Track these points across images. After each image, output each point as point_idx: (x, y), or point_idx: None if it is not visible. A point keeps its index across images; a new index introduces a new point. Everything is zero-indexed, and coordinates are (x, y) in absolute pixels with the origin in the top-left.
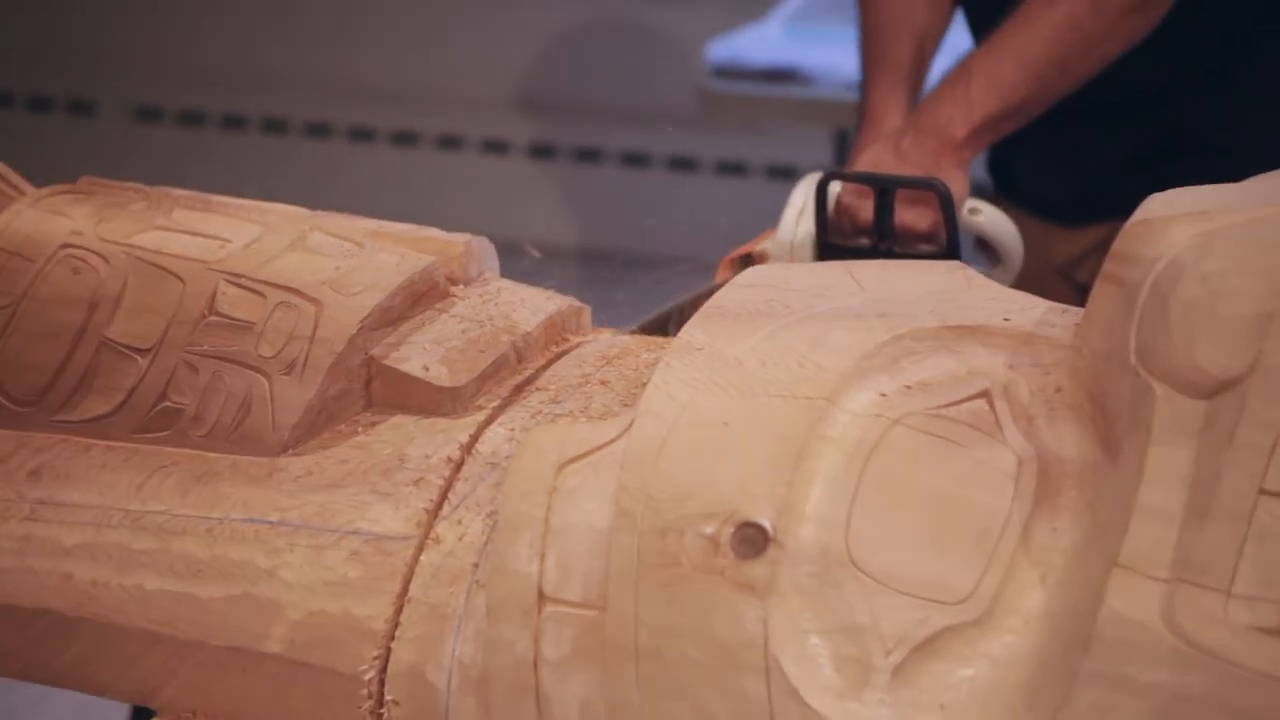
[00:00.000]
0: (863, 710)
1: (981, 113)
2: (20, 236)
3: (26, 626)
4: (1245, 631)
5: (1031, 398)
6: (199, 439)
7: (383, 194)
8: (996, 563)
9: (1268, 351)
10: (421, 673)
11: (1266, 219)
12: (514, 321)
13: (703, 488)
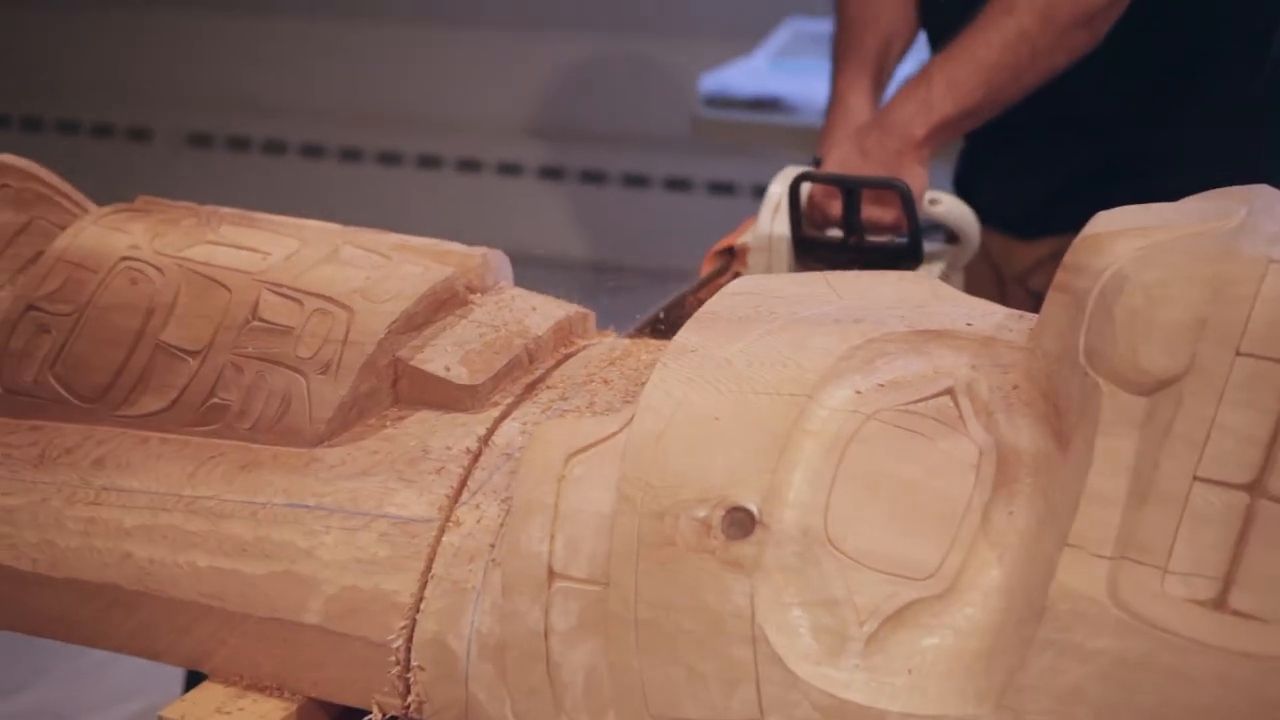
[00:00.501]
0: (839, 675)
1: (940, 114)
2: (84, 250)
3: (92, 599)
4: (1180, 603)
5: (991, 394)
6: (244, 432)
7: (408, 212)
8: (959, 543)
9: (1202, 353)
10: (444, 641)
11: (1201, 235)
12: (526, 326)
13: (696, 476)
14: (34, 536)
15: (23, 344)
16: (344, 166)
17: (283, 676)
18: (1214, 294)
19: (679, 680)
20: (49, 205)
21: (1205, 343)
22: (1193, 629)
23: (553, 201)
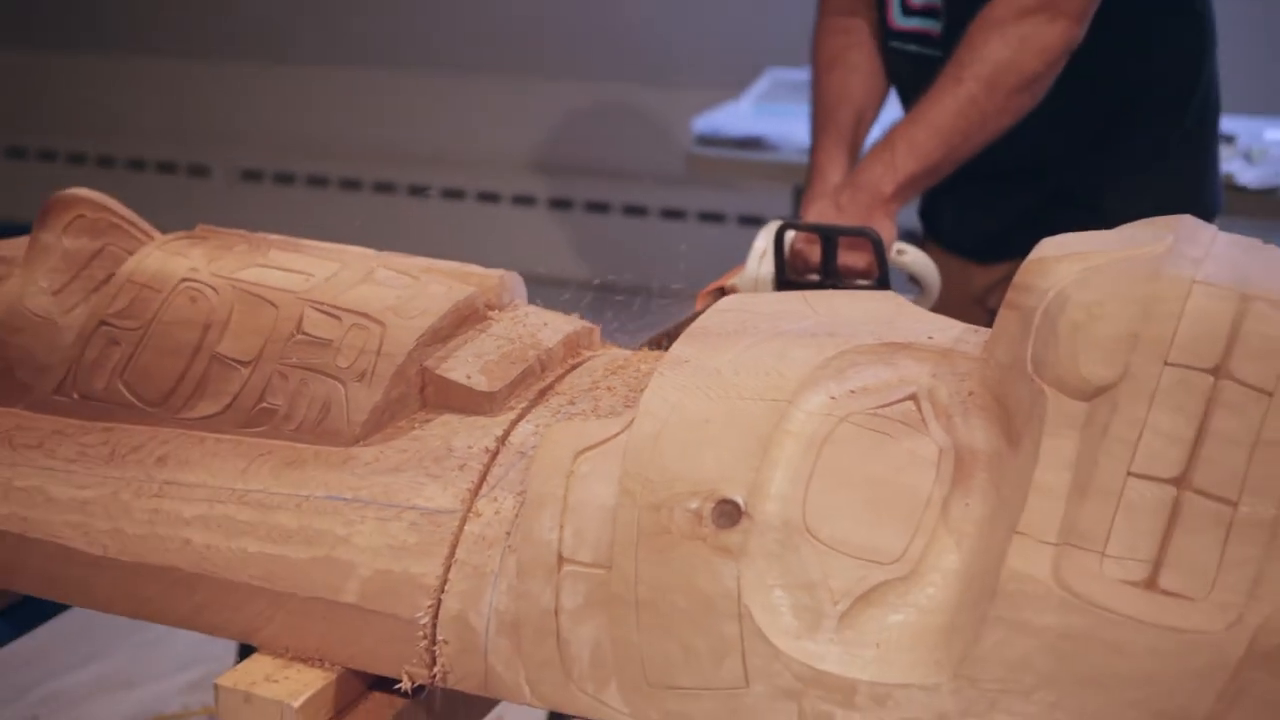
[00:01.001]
0: (815, 648)
1: (904, 173)
2: (149, 272)
3: (156, 580)
4: (1116, 584)
5: (950, 400)
6: (289, 433)
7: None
8: (921, 531)
9: (1134, 363)
10: (466, 618)
11: (1133, 259)
12: (538, 339)
13: (689, 472)
14: (106, 525)
15: (96, 355)
16: (378, 198)
17: (323, 649)
18: (1144, 311)
19: (674, 653)
20: (119, 233)
21: (1137, 354)
22: (1127, 607)
23: (561, 229)
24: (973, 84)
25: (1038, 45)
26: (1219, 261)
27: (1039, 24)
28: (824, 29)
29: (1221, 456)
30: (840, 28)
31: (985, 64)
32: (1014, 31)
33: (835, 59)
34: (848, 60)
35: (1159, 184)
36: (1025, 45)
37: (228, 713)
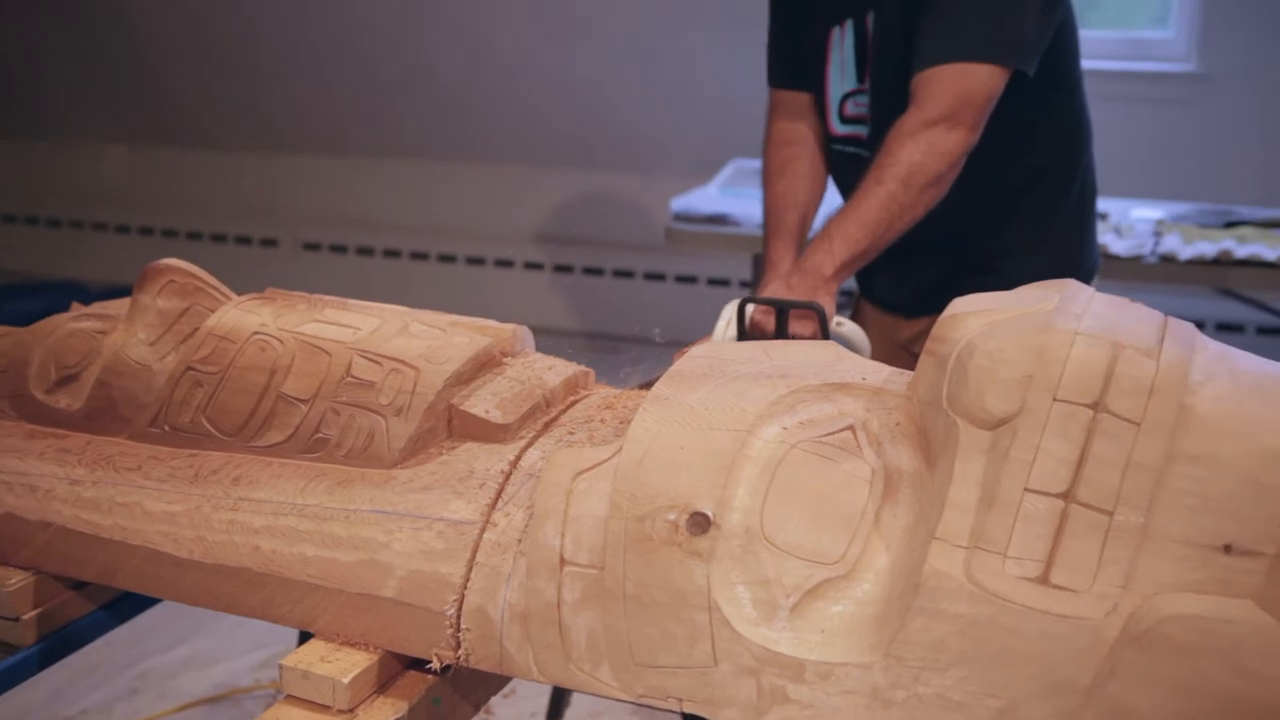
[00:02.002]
0: (771, 634)
1: (840, 258)
2: (227, 327)
3: (231, 578)
4: (1015, 580)
5: (880, 429)
6: (340, 458)
7: (459, 297)
8: (857, 538)
9: (1029, 400)
10: (485, 610)
11: (1028, 315)
12: (544, 380)
13: (667, 489)
14: (190, 533)
15: (183, 395)
16: (413, 264)
17: (368, 635)
18: (1037, 357)
19: (655, 638)
20: (203, 294)
21: (1031, 392)
22: (1024, 598)
23: (563, 290)
24: (891, 183)
25: (941, 150)
26: (1096, 317)
27: (941, 133)
28: (773, 137)
29: (1100, 475)
30: (786, 138)
31: (900, 166)
32: (922, 139)
33: (782, 168)
34: (792, 169)
35: (1048, 253)
36: (931, 150)
37: (290, 687)
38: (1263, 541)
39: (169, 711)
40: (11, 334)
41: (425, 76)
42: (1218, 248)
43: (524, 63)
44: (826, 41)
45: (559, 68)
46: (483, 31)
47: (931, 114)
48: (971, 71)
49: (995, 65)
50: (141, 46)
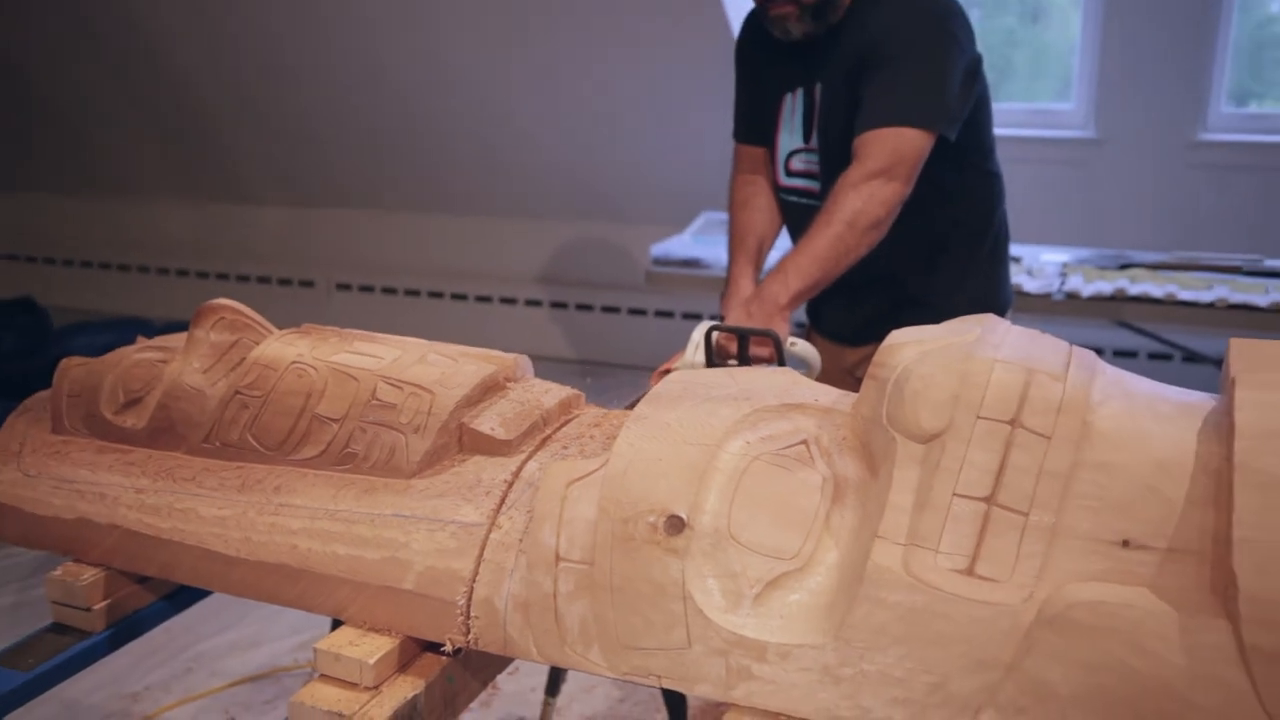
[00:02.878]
0: (737, 619)
1: (793, 290)
2: (269, 357)
3: (272, 574)
4: (946, 572)
5: (830, 443)
6: (366, 469)
7: (469, 331)
8: (811, 536)
9: (956, 418)
10: (491, 601)
11: (954, 345)
12: (541, 402)
13: (647, 495)
14: (238, 535)
15: (232, 415)
16: (430, 302)
17: (390, 622)
18: (962, 381)
19: (638, 624)
20: (249, 329)
21: (958, 411)
22: (953, 587)
23: (558, 324)
24: (839, 225)
25: (880, 199)
26: (1012, 346)
27: (880, 184)
28: (737, 181)
29: (1017, 481)
30: (748, 180)
31: (846, 211)
32: (864, 189)
33: (745, 202)
34: (753, 203)
35: (971, 291)
36: (872, 199)
37: (324, 667)
38: (1155, 537)
39: (219, 688)
40: (86, 364)
41: (443, 144)
42: (1114, 286)
43: (527, 134)
44: (780, 105)
45: (557, 139)
46: (491, 108)
47: (872, 168)
48: (905, 134)
49: (925, 130)
50: (199, 116)
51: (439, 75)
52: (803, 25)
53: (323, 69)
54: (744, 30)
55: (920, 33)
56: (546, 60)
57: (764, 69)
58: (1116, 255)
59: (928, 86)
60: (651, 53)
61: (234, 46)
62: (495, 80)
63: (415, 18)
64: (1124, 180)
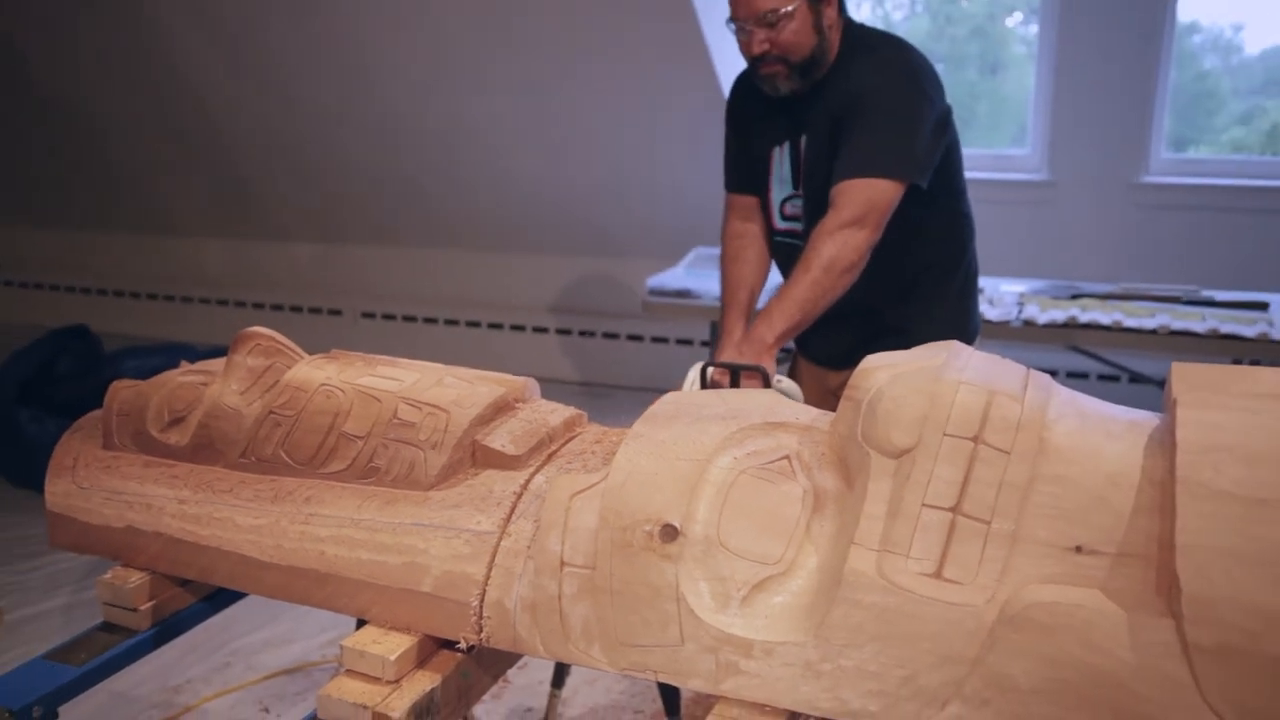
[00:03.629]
0: (726, 619)
1: (778, 330)
2: (300, 380)
3: (302, 578)
4: (915, 575)
5: (810, 458)
6: (388, 482)
7: (483, 356)
8: (793, 543)
9: (925, 435)
10: (502, 602)
11: (923, 369)
12: (548, 421)
13: (644, 506)
14: (271, 542)
15: (266, 433)
16: (447, 329)
17: (410, 622)
18: (930, 402)
19: (635, 623)
20: (282, 354)
21: (926, 429)
22: (923, 589)
23: (563, 349)
24: (816, 271)
25: (853, 245)
26: (975, 370)
27: (852, 232)
28: (728, 231)
29: (980, 493)
30: (738, 231)
31: (823, 258)
32: (839, 236)
33: (735, 256)
34: (743, 256)
35: (940, 320)
36: (846, 245)
37: (349, 662)
38: (1105, 544)
39: (254, 681)
40: (134, 386)
41: (459, 187)
42: (1066, 314)
43: (536, 179)
44: (769, 158)
45: (563, 183)
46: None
47: (846, 217)
48: (877, 184)
49: (895, 180)
50: (238, 162)
51: (456, 127)
52: (790, 83)
53: (350, 122)
54: (734, 91)
55: (893, 90)
56: (554, 114)
57: (754, 125)
58: (1069, 286)
59: (899, 140)
60: (650, 113)
61: (270, 102)
62: (507, 132)
63: (436, 77)
64: (1075, 218)
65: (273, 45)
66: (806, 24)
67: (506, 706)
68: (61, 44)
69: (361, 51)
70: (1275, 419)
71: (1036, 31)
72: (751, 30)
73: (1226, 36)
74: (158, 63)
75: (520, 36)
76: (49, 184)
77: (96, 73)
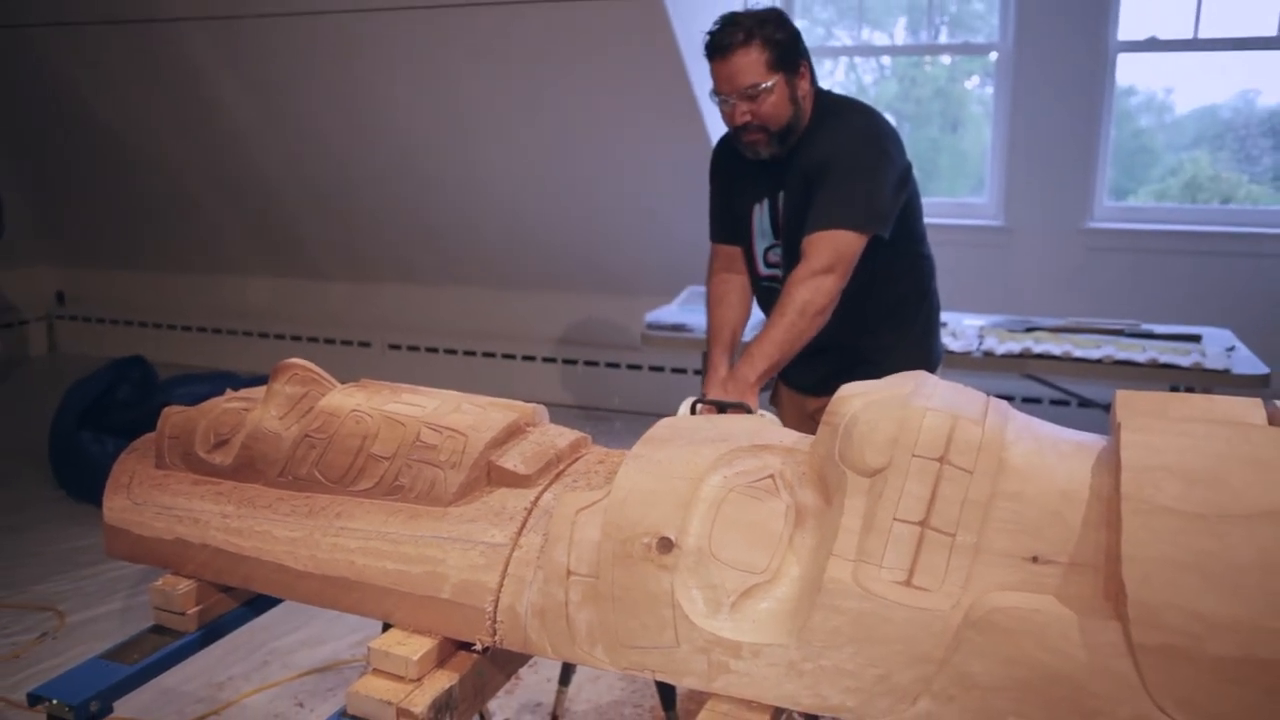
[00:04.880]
0: (717, 623)
1: (759, 370)
2: (333, 406)
3: (334, 585)
4: (888, 583)
5: (793, 477)
6: (411, 499)
7: (496, 384)
8: (777, 554)
9: (896, 456)
10: (514, 608)
11: (893, 396)
12: (555, 443)
13: (642, 520)
14: (305, 553)
15: (302, 454)
16: (465, 359)
17: (431, 626)
18: (900, 426)
19: (635, 627)
20: (317, 383)
21: (897, 450)
22: (895, 596)
23: (569, 378)
24: (791, 315)
25: (823, 291)
26: (940, 397)
27: (822, 279)
28: (713, 277)
29: (945, 508)
30: (722, 277)
31: (797, 303)
32: (810, 284)
33: (719, 299)
34: (726, 300)
35: (907, 351)
36: (817, 291)
37: (375, 662)
38: (1059, 554)
39: (290, 678)
40: (183, 412)
41: (477, 233)
42: (1021, 346)
43: (545, 225)
44: (750, 214)
45: (570, 228)
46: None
47: (816, 266)
48: (842, 236)
49: (859, 232)
50: (278, 208)
51: (475, 176)
52: (770, 148)
53: (379, 173)
54: (717, 153)
55: (857, 151)
56: (560, 168)
57: (735, 184)
58: (1023, 320)
59: (863, 196)
60: (647, 167)
61: (308, 155)
62: (520, 182)
63: (458, 133)
64: (1028, 260)
65: (312, 110)
66: (784, 96)
67: (518, 702)
68: (134, 112)
69: (389, 113)
70: (1209, 441)
71: (992, 93)
72: (735, 103)
73: (1160, 98)
74: (214, 127)
75: (531, 99)
76: (111, 231)
77: (159, 135)
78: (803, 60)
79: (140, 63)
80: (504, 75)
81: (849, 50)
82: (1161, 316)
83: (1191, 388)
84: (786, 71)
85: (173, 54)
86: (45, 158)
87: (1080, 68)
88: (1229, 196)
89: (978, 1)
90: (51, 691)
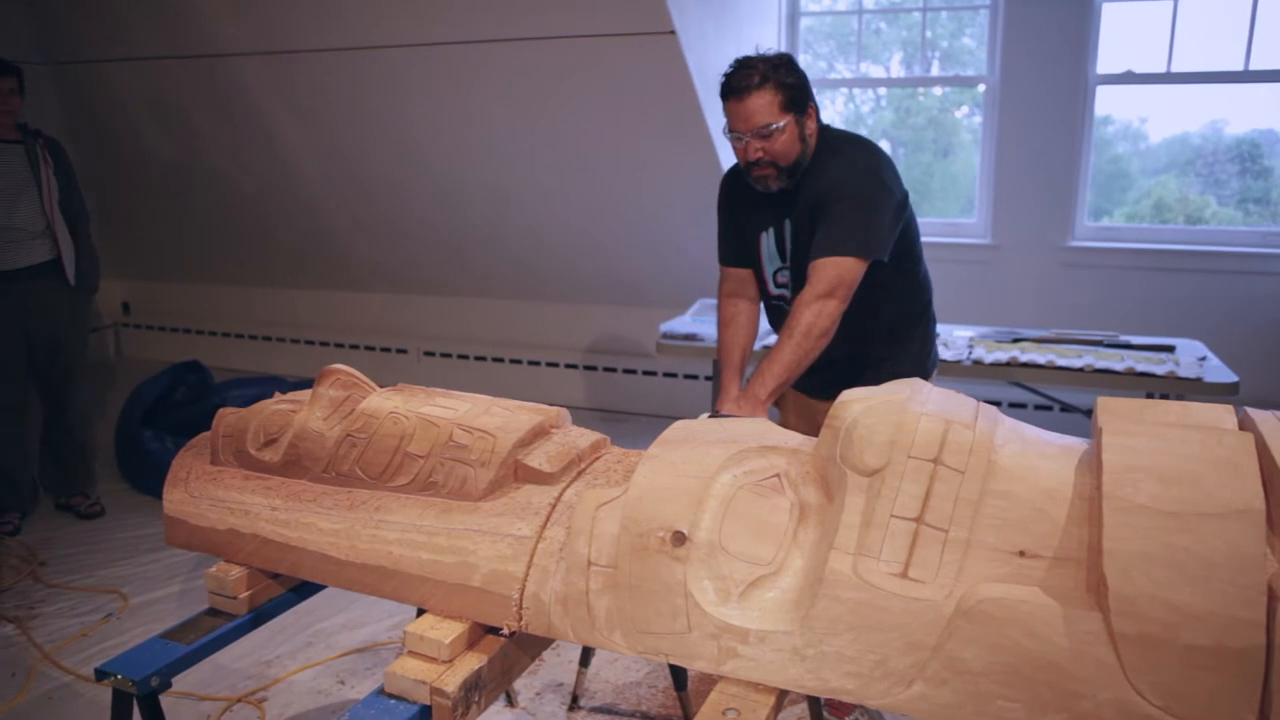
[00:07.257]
0: (726, 611)
1: (769, 388)
2: (372, 408)
3: (373, 573)
4: (885, 575)
5: (797, 476)
6: (444, 494)
7: (523, 389)
8: (782, 548)
9: (893, 458)
10: (538, 596)
11: (890, 401)
12: (577, 444)
13: (658, 516)
14: (347, 543)
15: (344, 452)
16: (494, 366)
17: (462, 611)
18: (897, 429)
19: (650, 614)
20: (358, 387)
21: (894, 452)
22: (891, 587)
23: (590, 383)
24: (798, 336)
25: (826, 313)
26: (934, 402)
27: (825, 302)
28: (723, 299)
29: (939, 506)
30: (731, 302)
31: (802, 325)
32: (814, 306)
33: (729, 321)
34: (736, 321)
35: (904, 361)
36: (820, 314)
37: (411, 645)
38: (1044, 549)
39: (332, 658)
40: (236, 412)
41: (506, 248)
42: (1009, 355)
43: (569, 241)
44: (759, 241)
45: (592, 244)
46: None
47: (820, 290)
48: (844, 262)
49: (859, 258)
50: (323, 228)
51: (503, 195)
52: (779, 182)
53: (415, 193)
54: (726, 183)
55: (857, 183)
56: (587, 187)
57: (743, 213)
58: (1010, 331)
59: (862, 224)
60: (666, 189)
61: (352, 179)
62: (546, 205)
63: (490, 161)
64: (1014, 275)
65: (356, 138)
66: (794, 135)
67: (541, 681)
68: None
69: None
70: (1184, 444)
71: (980, 122)
72: (749, 140)
73: (1135, 127)
74: (267, 153)
75: (554, 125)
76: (172, 247)
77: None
78: (810, 102)
79: (202, 95)
80: (533, 108)
81: (848, 82)
82: (1138, 328)
83: (1166, 395)
84: (796, 112)
85: (233, 86)
86: (116, 180)
87: (1061, 99)
88: (1195, 217)
89: (967, 38)
90: (116, 667)
